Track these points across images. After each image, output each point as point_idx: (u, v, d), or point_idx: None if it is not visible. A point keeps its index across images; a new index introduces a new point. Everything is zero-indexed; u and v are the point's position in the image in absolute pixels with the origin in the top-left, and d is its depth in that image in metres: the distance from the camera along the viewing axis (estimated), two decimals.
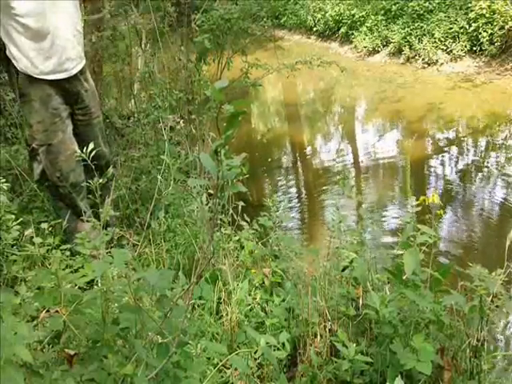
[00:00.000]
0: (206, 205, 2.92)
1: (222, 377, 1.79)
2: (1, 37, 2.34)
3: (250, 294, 2.28)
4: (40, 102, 2.40)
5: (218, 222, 2.92)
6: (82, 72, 2.56)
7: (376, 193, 4.82)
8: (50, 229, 2.01)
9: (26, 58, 2.32)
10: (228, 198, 3.11)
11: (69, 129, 2.52)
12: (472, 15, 8.20)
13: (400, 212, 4.25)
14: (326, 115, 8.05)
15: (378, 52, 9.77)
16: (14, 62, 2.34)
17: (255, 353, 1.84)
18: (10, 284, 1.94)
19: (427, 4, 9.17)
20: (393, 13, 9.82)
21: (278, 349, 1.79)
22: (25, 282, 1.67)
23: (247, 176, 2.83)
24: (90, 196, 2.52)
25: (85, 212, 2.57)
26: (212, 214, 2.01)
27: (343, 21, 10.99)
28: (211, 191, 3.15)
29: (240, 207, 2.86)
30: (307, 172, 5.69)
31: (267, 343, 1.42)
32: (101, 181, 1.75)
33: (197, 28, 4.47)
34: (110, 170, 2.68)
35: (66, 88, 2.48)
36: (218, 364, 1.62)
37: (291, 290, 2.26)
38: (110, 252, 1.35)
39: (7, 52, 2.35)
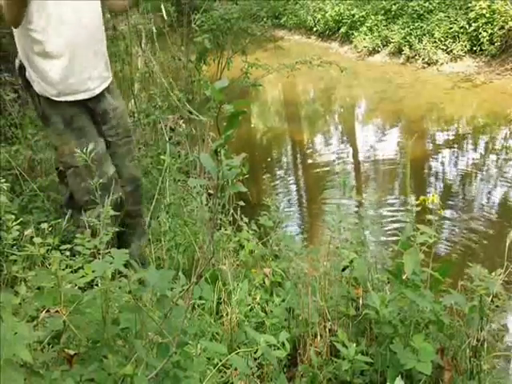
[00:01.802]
0: (206, 205, 2.93)
1: (222, 377, 1.79)
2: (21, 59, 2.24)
3: (250, 294, 2.28)
4: (63, 124, 2.25)
5: (218, 222, 2.93)
6: (109, 90, 2.39)
7: (376, 192, 4.82)
8: (49, 229, 2.01)
9: (44, 79, 2.19)
10: (228, 198, 3.11)
11: (98, 147, 2.29)
12: (472, 15, 8.20)
13: (400, 212, 4.25)
14: (326, 115, 8.05)
15: (378, 52, 9.78)
16: (33, 84, 2.22)
17: (255, 353, 1.84)
18: (10, 284, 1.94)
19: (427, 4, 9.17)
20: (393, 13, 9.83)
21: (278, 348, 1.79)
22: (25, 282, 1.67)
23: (247, 176, 2.84)
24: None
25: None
26: (212, 214, 2.01)
27: (343, 21, 10.99)
28: (211, 191, 3.15)
29: (240, 207, 2.86)
30: (307, 172, 5.69)
31: (267, 343, 1.42)
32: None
33: (197, 28, 4.47)
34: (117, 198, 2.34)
35: (90, 107, 2.33)
36: (217, 364, 1.62)
37: (291, 290, 2.26)
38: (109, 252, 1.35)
39: (27, 75, 2.23)
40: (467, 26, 8.30)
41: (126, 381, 1.10)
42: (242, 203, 2.93)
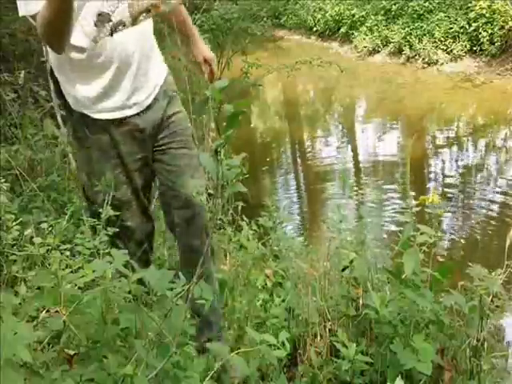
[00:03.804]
0: (206, 205, 2.92)
1: None
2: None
3: (250, 294, 2.28)
4: (99, 151, 1.75)
5: (218, 222, 2.93)
6: (165, 95, 1.84)
7: (376, 192, 4.82)
8: (49, 229, 2.01)
9: (80, 93, 1.70)
10: (228, 198, 3.11)
11: (137, 182, 1.82)
12: (472, 15, 8.21)
13: (400, 211, 4.25)
14: (326, 115, 8.05)
15: (378, 52, 9.78)
16: (66, 96, 1.74)
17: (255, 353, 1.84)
18: (10, 284, 1.94)
19: (427, 4, 9.18)
20: (393, 13, 9.84)
21: (278, 348, 1.79)
22: (25, 282, 1.67)
23: (247, 176, 2.85)
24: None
25: None
26: (212, 214, 2.01)
27: (343, 21, 11.00)
28: (211, 191, 3.15)
29: (240, 207, 2.86)
30: (307, 171, 5.69)
31: (267, 343, 1.42)
32: None
33: (197, 28, 4.47)
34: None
35: (137, 125, 1.77)
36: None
37: (291, 290, 2.26)
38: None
39: (61, 87, 1.75)
40: (467, 26, 8.31)
41: (126, 381, 1.10)
42: (241, 203, 2.93)
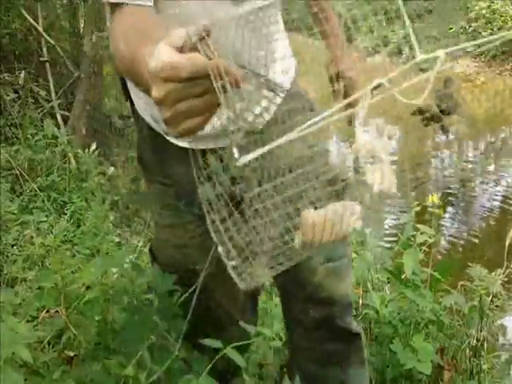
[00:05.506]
0: None
1: None
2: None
3: None
4: (171, 182, 1.23)
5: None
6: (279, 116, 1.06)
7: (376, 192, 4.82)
8: (49, 229, 2.02)
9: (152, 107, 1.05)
10: None
11: None
12: (472, 15, 8.22)
13: (400, 212, 4.25)
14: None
15: (378, 52, 9.80)
16: (138, 108, 1.25)
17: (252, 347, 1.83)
18: (10, 284, 1.94)
19: (427, 4, 9.19)
20: (393, 13, 9.86)
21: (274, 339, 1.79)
22: (25, 282, 1.67)
23: None
24: None
25: None
26: None
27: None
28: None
29: None
30: None
31: (262, 335, 1.43)
32: None
33: None
34: None
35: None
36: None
37: None
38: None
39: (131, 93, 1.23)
40: (467, 26, 8.32)
41: (127, 381, 1.10)
42: None
